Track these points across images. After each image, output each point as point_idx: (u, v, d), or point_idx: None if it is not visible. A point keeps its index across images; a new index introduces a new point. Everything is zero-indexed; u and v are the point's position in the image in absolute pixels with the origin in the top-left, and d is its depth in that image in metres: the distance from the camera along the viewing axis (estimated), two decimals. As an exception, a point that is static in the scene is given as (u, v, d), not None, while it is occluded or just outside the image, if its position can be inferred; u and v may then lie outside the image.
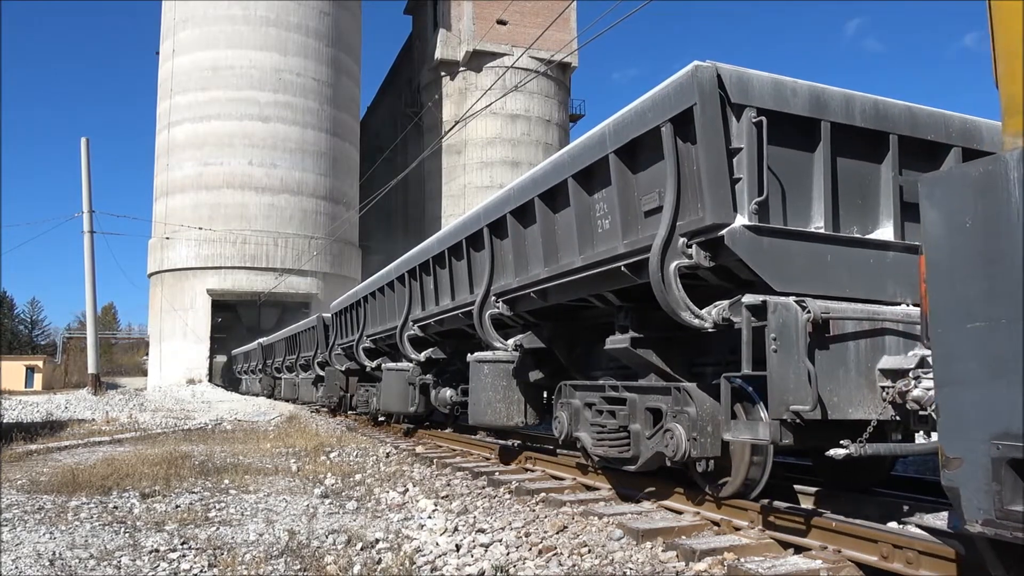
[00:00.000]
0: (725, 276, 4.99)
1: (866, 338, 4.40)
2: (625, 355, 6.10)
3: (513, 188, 7.10)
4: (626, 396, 5.99)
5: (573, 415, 6.74)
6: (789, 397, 4.14)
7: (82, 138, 35.01)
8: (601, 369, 7.40)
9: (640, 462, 5.82)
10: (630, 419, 5.91)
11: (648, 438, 5.77)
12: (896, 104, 5.06)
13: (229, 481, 7.80)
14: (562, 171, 6.15)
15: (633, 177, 5.43)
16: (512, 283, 7.25)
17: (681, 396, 5.33)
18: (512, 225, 7.16)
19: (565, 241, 6.36)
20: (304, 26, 45.35)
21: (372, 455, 10.10)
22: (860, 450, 4.13)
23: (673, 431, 5.26)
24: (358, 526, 5.55)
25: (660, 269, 4.77)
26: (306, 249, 43.02)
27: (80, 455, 10.62)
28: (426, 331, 10.29)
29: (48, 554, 4.77)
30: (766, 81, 4.72)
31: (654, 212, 5.22)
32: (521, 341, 7.65)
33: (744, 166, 4.60)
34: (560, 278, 6.39)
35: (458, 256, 8.73)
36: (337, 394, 16.26)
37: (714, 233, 4.60)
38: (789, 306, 4.25)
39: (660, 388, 5.65)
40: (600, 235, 5.85)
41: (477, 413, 8.17)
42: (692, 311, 4.80)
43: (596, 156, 5.65)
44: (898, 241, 4.92)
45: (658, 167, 5.13)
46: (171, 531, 5.43)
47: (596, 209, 5.89)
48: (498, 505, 6.44)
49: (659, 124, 4.91)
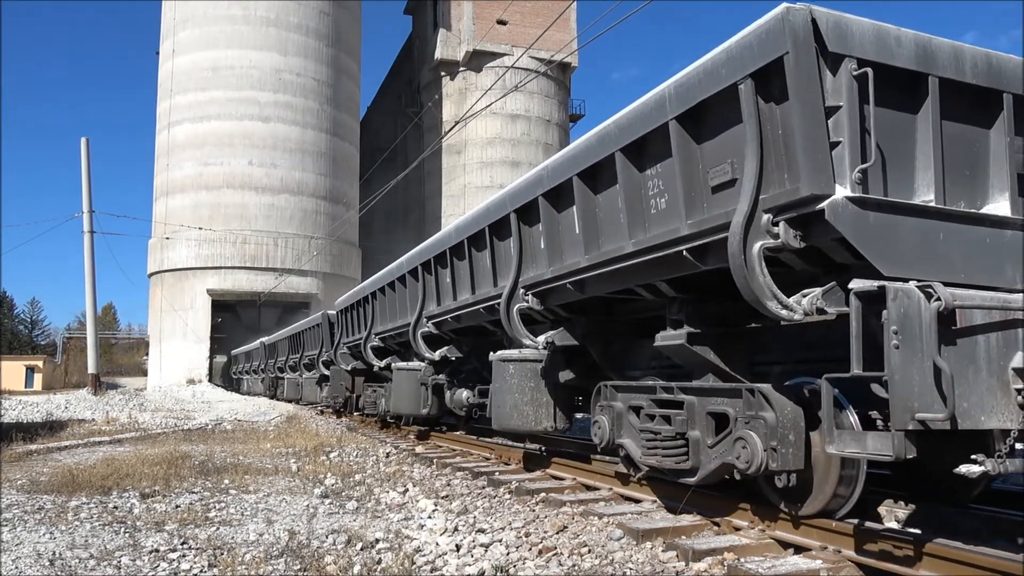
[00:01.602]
0: (812, 259, 4.19)
1: (998, 331, 3.61)
2: (679, 353, 5.31)
3: (547, 168, 6.27)
4: (683, 399, 5.18)
5: (615, 420, 5.94)
6: (915, 403, 3.35)
7: (82, 138, 34.63)
8: (639, 369, 6.61)
9: (701, 474, 5.02)
10: (688, 425, 5.11)
11: (710, 447, 4.97)
12: (1011, 59, 4.26)
13: (229, 481, 7.64)
14: (607, 144, 5.33)
15: (697, 148, 4.61)
16: (544, 273, 6.44)
17: (755, 400, 4.52)
18: (544, 209, 6.35)
19: (610, 225, 5.55)
20: (304, 26, 44.87)
21: (372, 455, 9.91)
22: (999, 467, 3.34)
23: (747, 440, 4.46)
24: (358, 526, 5.46)
25: (742, 251, 3.96)
26: (306, 249, 42.59)
27: (80, 455, 10.43)
28: (441, 328, 9.47)
29: (48, 554, 4.70)
30: (867, 28, 3.92)
31: (724, 187, 4.42)
32: (552, 338, 6.83)
33: (844, 127, 3.80)
34: (603, 266, 5.58)
35: (479, 246, 7.91)
36: (343, 394, 15.40)
37: (809, 207, 3.79)
38: (911, 293, 3.46)
39: (727, 390, 4.84)
40: (654, 216, 5.04)
41: (502, 417, 7.35)
42: (779, 300, 3.99)
43: (652, 125, 4.83)
44: (1016, 218, 4.12)
45: (731, 134, 4.33)
46: (171, 531, 5.33)
47: (649, 187, 5.08)
48: (498, 505, 6.31)
49: (736, 81, 4.11)
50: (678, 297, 5.32)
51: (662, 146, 4.83)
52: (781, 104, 3.97)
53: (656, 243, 4.92)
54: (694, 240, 4.58)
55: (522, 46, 44.74)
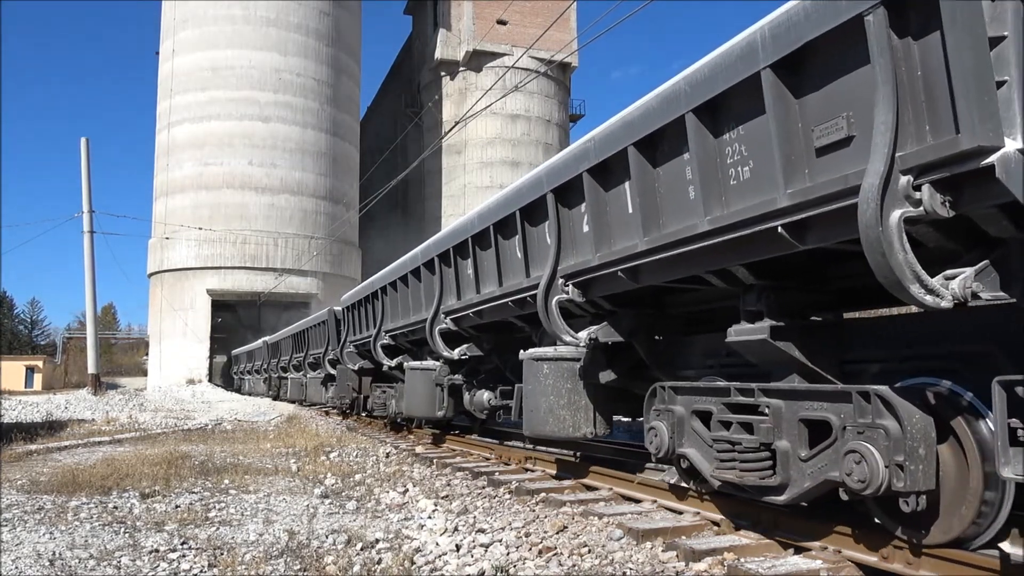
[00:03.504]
0: (953, 233, 3.34)
1: None
2: (759, 350, 4.45)
3: (593, 139, 5.40)
4: (766, 403, 4.33)
5: (675, 426, 5.08)
6: None
7: (82, 138, 34.18)
8: (693, 368, 5.74)
9: (792, 493, 4.16)
10: (775, 434, 4.26)
11: (803, 460, 4.11)
12: None
13: (229, 481, 7.52)
14: (675, 106, 4.47)
15: (796, 102, 3.76)
16: (590, 260, 5.57)
17: (871, 405, 3.66)
18: (590, 187, 5.48)
19: (675, 201, 4.69)
20: (304, 26, 44.24)
21: (372, 455, 9.73)
22: None
23: (863, 454, 3.60)
24: (358, 526, 5.38)
25: (878, 222, 3.10)
26: (306, 249, 42.04)
27: (80, 455, 10.29)
28: (460, 324, 8.59)
29: (48, 554, 4.63)
30: (1033, -60, 3.07)
31: (835, 147, 3.57)
32: (596, 334, 5.97)
33: (1011, 63, 2.94)
34: (666, 250, 4.72)
35: (508, 233, 7.04)
36: (349, 395, 14.47)
37: (970, 164, 2.93)
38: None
39: (829, 393, 3.98)
40: (735, 188, 4.19)
41: (535, 422, 6.48)
42: (923, 283, 3.13)
43: (738, 77, 3.97)
44: None
45: (846, 81, 3.48)
46: (171, 531, 5.25)
47: (728, 153, 4.23)
48: (498, 505, 6.19)
49: (862, 12, 3.25)
50: (757, 284, 4.46)
51: (749, 103, 3.98)
52: (922, 38, 3.12)
53: (740, 219, 4.06)
54: (793, 214, 3.73)
55: (522, 46, 44.01)
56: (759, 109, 3.90)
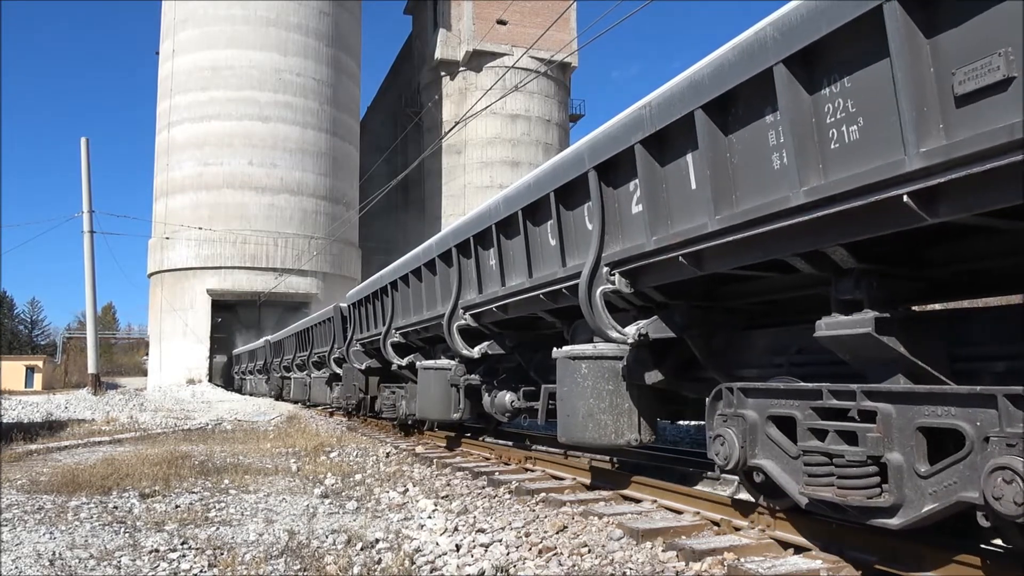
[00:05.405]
0: None
1: None
2: (860, 346, 3.71)
3: (649, 106, 4.65)
4: (872, 408, 3.59)
5: (748, 433, 4.33)
6: None
7: (82, 138, 33.65)
8: (755, 366, 5.00)
9: (909, 515, 3.41)
10: (885, 445, 3.51)
11: (923, 477, 3.37)
12: None
13: (229, 481, 7.43)
14: (759, 59, 3.71)
15: (927, 42, 3.03)
16: (644, 245, 4.82)
17: (1020, 412, 2.93)
18: (643, 161, 4.73)
19: (753, 172, 3.95)
20: (304, 26, 43.63)
21: (372, 455, 9.59)
22: None
23: (1016, 471, 2.86)
24: (358, 526, 5.31)
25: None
26: (306, 249, 41.46)
27: (80, 455, 10.17)
28: (480, 320, 7.83)
29: (48, 554, 4.58)
30: None
31: (986, 93, 2.83)
32: (646, 329, 5.22)
33: None
34: (743, 230, 3.97)
35: (539, 218, 6.29)
36: (355, 395, 13.67)
37: None
38: None
39: (963, 396, 3.24)
40: (838, 152, 3.45)
41: (572, 428, 5.73)
42: None
43: (847, 17, 3.22)
44: None
45: (1002, 10, 2.75)
46: (171, 531, 5.19)
47: (828, 111, 3.49)
48: (498, 505, 6.12)
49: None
50: (856, 269, 3.72)
51: (862, 46, 3.24)
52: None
53: (848, 189, 3.32)
54: (924, 179, 2.99)
55: (522, 46, 43.37)
56: (877, 52, 3.16)
